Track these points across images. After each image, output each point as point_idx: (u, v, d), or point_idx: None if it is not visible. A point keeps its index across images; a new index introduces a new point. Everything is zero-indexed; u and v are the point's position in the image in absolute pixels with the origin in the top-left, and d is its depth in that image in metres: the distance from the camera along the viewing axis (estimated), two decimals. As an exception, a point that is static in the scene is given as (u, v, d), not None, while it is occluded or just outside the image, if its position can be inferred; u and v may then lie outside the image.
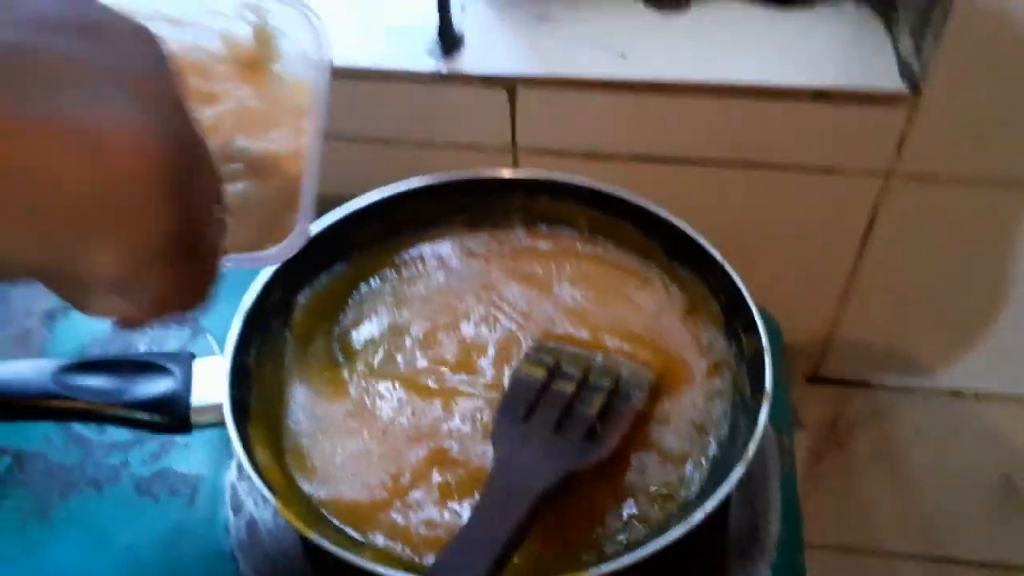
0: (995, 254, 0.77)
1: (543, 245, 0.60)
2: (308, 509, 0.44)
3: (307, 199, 0.33)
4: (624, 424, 0.48)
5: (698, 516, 0.40)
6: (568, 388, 0.49)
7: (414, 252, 0.59)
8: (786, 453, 0.56)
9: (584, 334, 0.54)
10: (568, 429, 0.47)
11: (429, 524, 0.44)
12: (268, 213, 0.36)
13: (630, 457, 0.48)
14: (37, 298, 0.65)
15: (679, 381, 0.52)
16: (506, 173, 0.61)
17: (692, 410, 0.51)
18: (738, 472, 0.42)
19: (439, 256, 0.59)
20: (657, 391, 0.51)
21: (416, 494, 0.46)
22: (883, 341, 0.87)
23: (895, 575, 0.80)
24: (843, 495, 0.83)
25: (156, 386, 0.43)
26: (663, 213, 0.57)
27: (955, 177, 0.71)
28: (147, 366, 0.44)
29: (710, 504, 0.41)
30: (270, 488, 0.41)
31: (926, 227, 0.75)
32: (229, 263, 0.30)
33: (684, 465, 0.48)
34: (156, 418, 0.44)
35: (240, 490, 0.52)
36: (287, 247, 0.33)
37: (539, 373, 0.50)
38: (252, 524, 0.51)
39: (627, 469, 0.48)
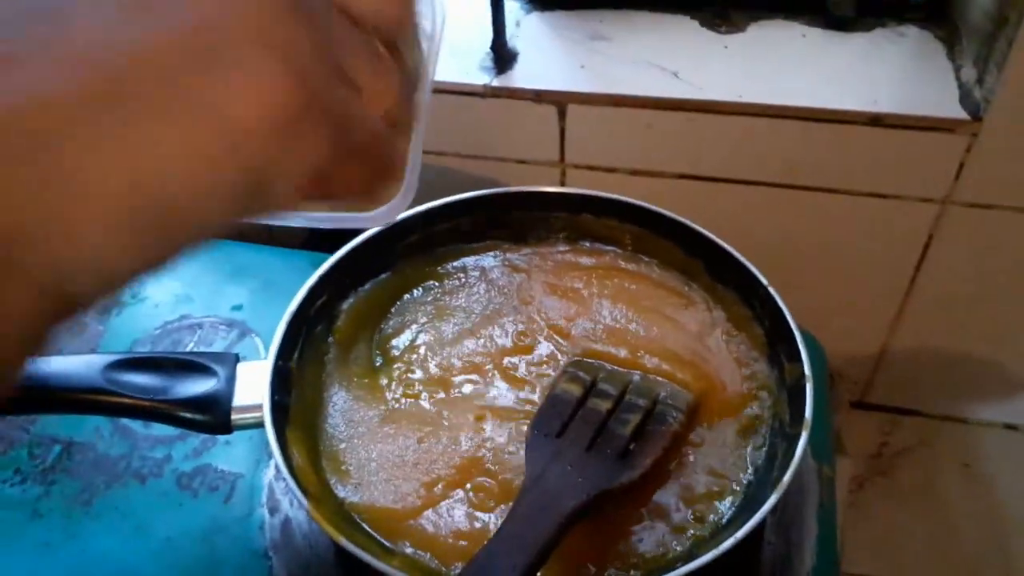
0: (1054, 287, 0.74)
1: (586, 261, 0.60)
2: (339, 513, 0.44)
3: (413, 161, 0.33)
4: (658, 446, 0.47)
5: (727, 543, 0.40)
6: (604, 406, 0.49)
7: (457, 264, 0.60)
8: (825, 483, 0.55)
9: (623, 352, 0.54)
10: (601, 448, 0.46)
11: (458, 535, 0.45)
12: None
13: (664, 479, 0.48)
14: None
15: (719, 404, 0.52)
16: (549, 189, 0.61)
17: (730, 435, 0.50)
18: (771, 501, 0.41)
19: (481, 268, 0.59)
20: (696, 413, 0.51)
21: (447, 505, 0.46)
22: (934, 369, 0.85)
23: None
24: (883, 525, 0.81)
25: (200, 386, 0.45)
26: (706, 232, 0.56)
27: (1013, 206, 0.69)
28: (193, 366, 0.46)
29: (740, 532, 0.40)
30: (303, 490, 0.42)
31: (982, 256, 0.74)
32: (333, 223, 0.30)
33: (717, 490, 0.48)
34: (199, 417, 0.45)
35: (277, 490, 0.53)
36: (394, 208, 0.33)
37: (576, 390, 0.50)
38: (287, 524, 0.51)
39: (660, 490, 0.47)
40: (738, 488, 0.48)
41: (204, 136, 0.19)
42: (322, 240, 0.74)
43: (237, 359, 0.47)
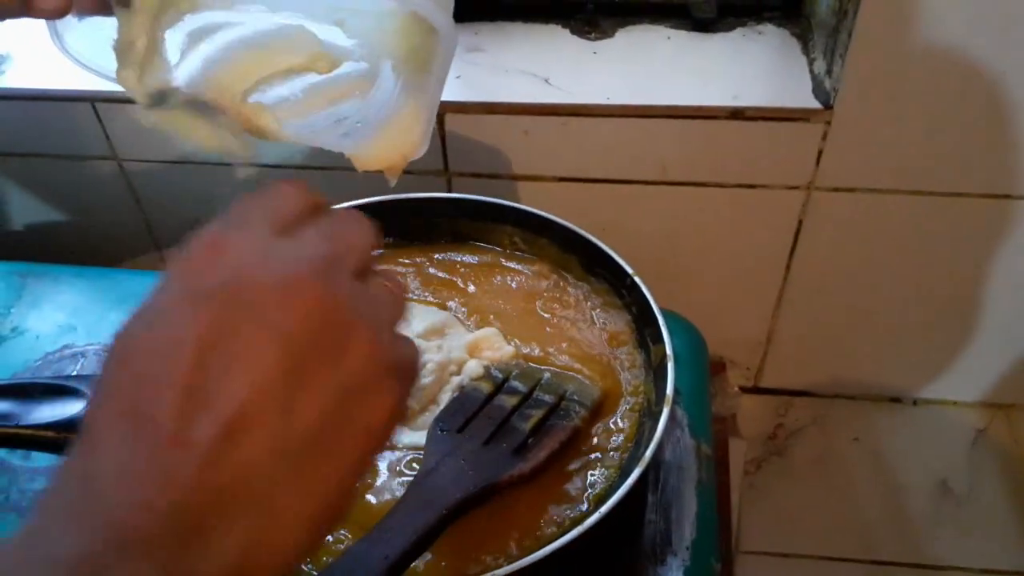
0: (920, 261, 0.79)
1: (469, 259, 0.62)
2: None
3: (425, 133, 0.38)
4: (555, 440, 0.48)
5: (591, 520, 0.41)
6: (510, 402, 0.50)
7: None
8: (704, 461, 0.58)
9: (510, 349, 0.55)
10: (498, 442, 0.47)
11: (338, 540, 0.45)
12: None
13: (563, 469, 0.49)
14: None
15: (614, 396, 0.53)
16: (432, 195, 0.63)
17: (611, 422, 0.52)
18: (634, 475, 0.43)
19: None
20: (601, 408, 0.52)
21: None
22: (819, 350, 0.89)
23: (834, 581, 0.81)
24: (782, 502, 0.85)
25: (66, 408, 0.44)
26: (577, 229, 0.58)
27: (871, 188, 0.74)
28: (59, 389, 0.45)
29: (605, 507, 0.42)
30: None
31: (849, 237, 0.78)
32: None
33: (598, 472, 0.49)
34: (65, 439, 0.44)
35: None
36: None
37: (485, 387, 0.51)
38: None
39: (558, 480, 0.49)
40: (613, 470, 0.49)
41: (359, 448, 0.26)
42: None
43: (108, 380, 0.47)
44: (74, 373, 0.62)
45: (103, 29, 0.39)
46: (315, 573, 0.42)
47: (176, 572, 0.22)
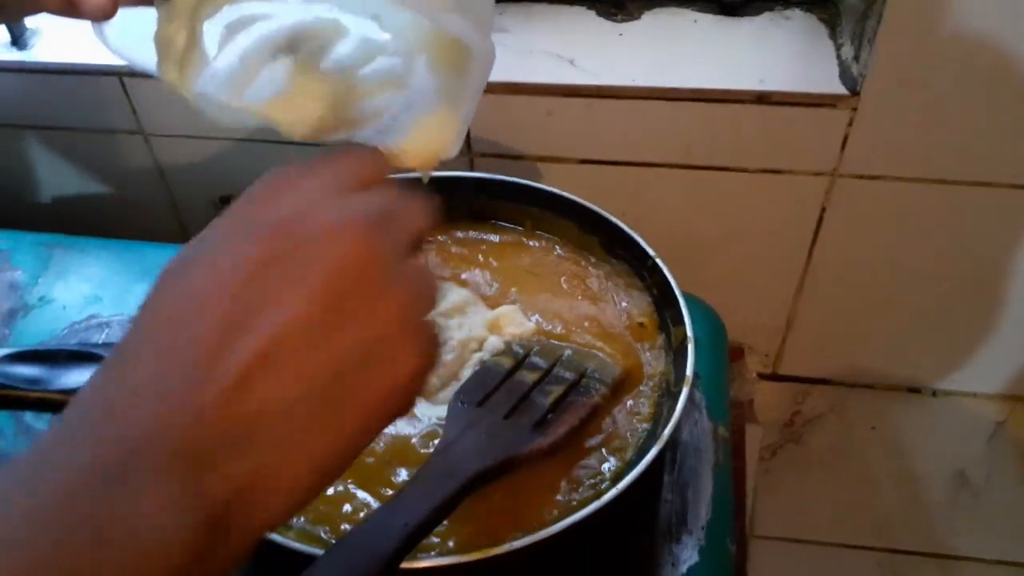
0: (944, 251, 0.78)
1: (490, 238, 0.62)
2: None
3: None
4: (575, 416, 0.49)
5: (608, 496, 0.42)
6: (531, 378, 0.50)
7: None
8: (721, 443, 0.58)
9: (531, 326, 0.55)
10: (519, 417, 0.48)
11: (356, 510, 0.46)
12: None
13: (582, 445, 0.49)
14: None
15: (635, 375, 0.54)
16: (453, 173, 0.63)
17: (631, 401, 0.52)
18: (652, 453, 0.43)
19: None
20: (622, 386, 0.52)
21: (345, 482, 0.47)
22: (839, 339, 0.89)
23: (848, 567, 0.81)
24: (798, 489, 0.85)
25: (90, 374, 0.45)
26: (599, 209, 0.58)
27: (897, 176, 0.73)
28: (85, 356, 0.46)
29: (622, 484, 0.42)
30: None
31: (873, 225, 0.77)
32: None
33: (616, 452, 0.50)
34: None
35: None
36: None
37: (506, 362, 0.51)
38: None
39: (577, 457, 0.49)
40: (632, 450, 0.50)
41: (379, 402, 0.26)
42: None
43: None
44: (100, 342, 0.63)
45: (143, 20, 0.39)
46: (335, 540, 0.43)
47: (187, 488, 0.22)
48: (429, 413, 0.51)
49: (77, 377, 0.44)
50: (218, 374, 0.23)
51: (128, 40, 0.41)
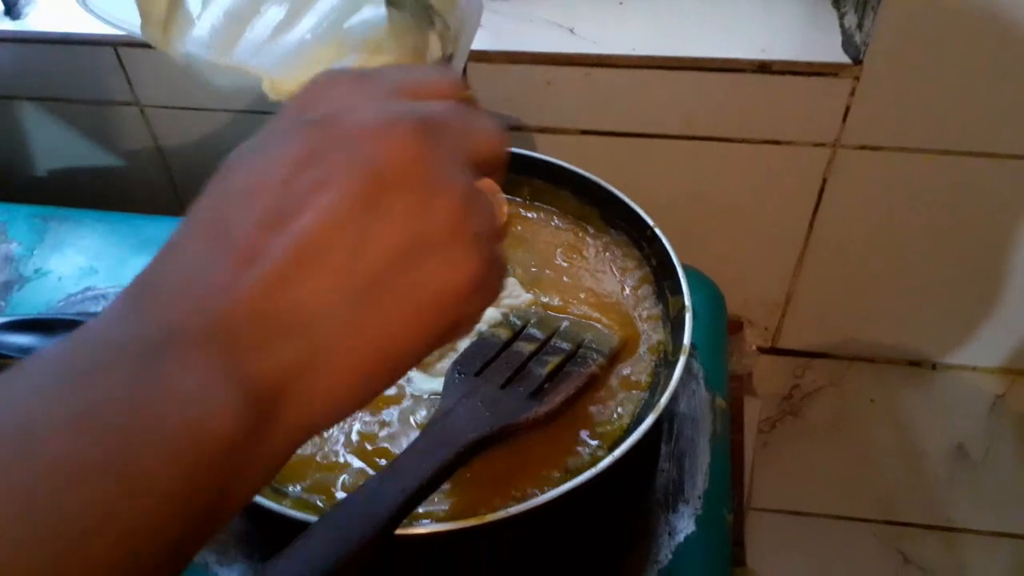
0: (946, 223, 0.78)
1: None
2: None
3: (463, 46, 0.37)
4: (572, 386, 0.48)
5: (604, 463, 0.41)
6: (528, 348, 0.50)
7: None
8: (719, 413, 0.58)
9: (556, 299, 0.55)
10: (516, 386, 0.48)
11: (354, 479, 0.46)
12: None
13: (579, 414, 0.49)
14: (-5, 269, 0.67)
15: (632, 345, 0.53)
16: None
17: (629, 370, 0.52)
18: (648, 421, 0.43)
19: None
20: (619, 356, 0.52)
21: (343, 451, 0.47)
22: (839, 312, 0.88)
23: (847, 539, 0.81)
24: (796, 462, 0.85)
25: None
26: (598, 179, 0.58)
27: (899, 147, 0.72)
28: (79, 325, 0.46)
29: (618, 451, 0.42)
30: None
31: (874, 197, 0.77)
32: None
33: (611, 420, 0.49)
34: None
35: (183, 449, 0.54)
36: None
37: (503, 333, 0.51)
38: (193, 481, 0.52)
39: (574, 425, 0.49)
40: (629, 416, 0.49)
41: (425, 309, 0.25)
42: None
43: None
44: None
45: None
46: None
47: (226, 367, 0.22)
48: (426, 385, 0.51)
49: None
50: (258, 267, 0.23)
51: (111, 2, 0.40)
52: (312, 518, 0.40)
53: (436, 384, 0.50)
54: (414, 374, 0.51)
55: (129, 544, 0.20)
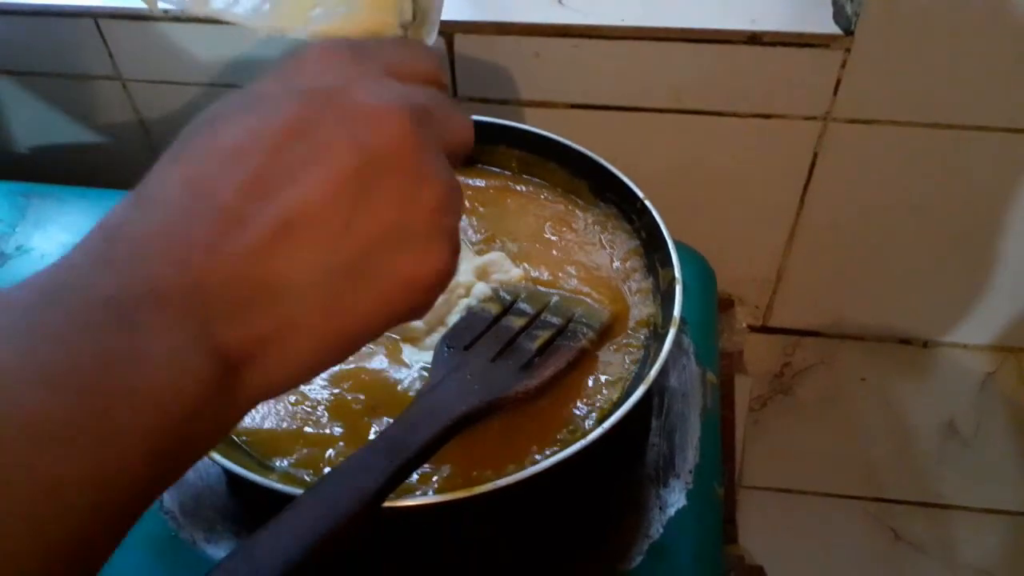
0: (937, 198, 0.77)
1: (477, 183, 0.61)
2: (225, 440, 0.44)
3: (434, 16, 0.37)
4: (562, 360, 0.48)
5: (594, 435, 0.41)
6: (518, 323, 0.49)
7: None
8: (709, 387, 0.57)
9: (545, 273, 0.54)
10: (505, 360, 0.47)
11: (340, 454, 0.45)
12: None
13: (571, 389, 0.49)
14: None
15: (622, 319, 0.53)
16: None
17: (620, 343, 0.51)
18: (638, 393, 0.43)
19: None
20: (610, 331, 0.51)
21: (331, 427, 0.46)
22: (829, 290, 0.88)
23: (838, 516, 0.81)
24: (787, 439, 0.85)
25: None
26: (587, 152, 0.57)
27: (890, 120, 0.72)
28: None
29: (608, 423, 0.41)
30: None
31: (866, 171, 0.76)
32: None
33: (601, 394, 0.49)
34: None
35: (166, 426, 0.53)
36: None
37: (493, 308, 0.51)
38: (177, 458, 0.51)
39: (563, 399, 0.48)
40: (619, 389, 0.49)
41: (394, 294, 0.26)
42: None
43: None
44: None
45: None
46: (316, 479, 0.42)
47: (201, 330, 0.22)
48: (415, 359, 0.50)
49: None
50: (241, 233, 0.23)
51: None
52: (299, 491, 0.39)
53: (426, 356, 0.49)
54: (403, 346, 0.51)
55: (98, 494, 0.20)
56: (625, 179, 0.56)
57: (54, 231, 0.69)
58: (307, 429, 0.46)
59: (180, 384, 0.22)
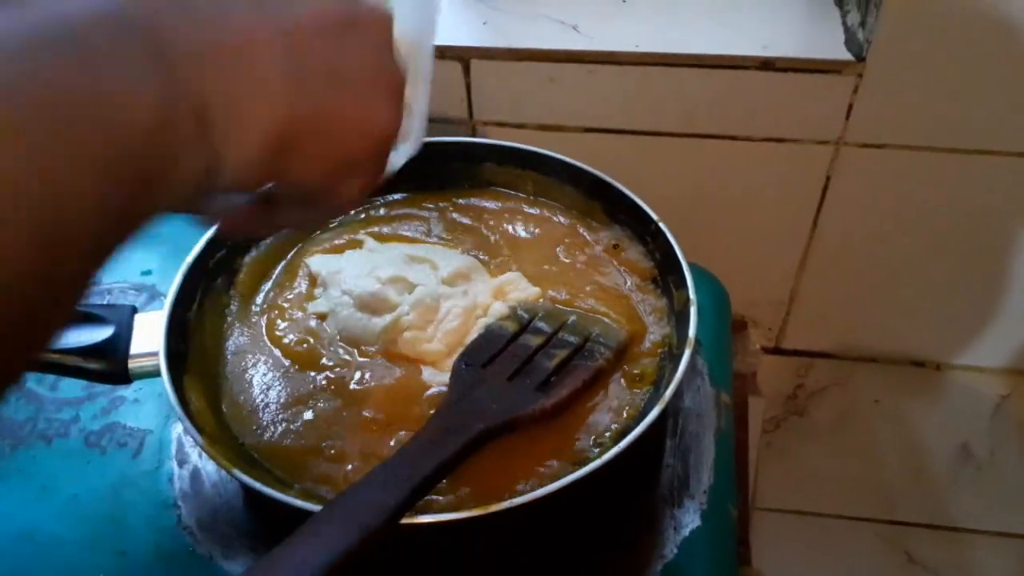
0: (949, 222, 0.78)
1: (491, 205, 0.62)
2: (239, 453, 0.45)
3: (420, 110, 0.39)
4: (578, 379, 0.48)
5: (609, 455, 0.41)
6: (535, 341, 0.50)
7: (360, 213, 0.61)
8: (723, 409, 0.57)
9: (563, 294, 0.55)
10: (523, 378, 0.48)
11: (357, 471, 0.46)
12: None
13: (585, 407, 0.49)
14: None
15: (638, 340, 0.53)
16: (453, 139, 0.62)
17: (635, 364, 0.52)
18: (653, 414, 0.43)
19: (389, 210, 0.60)
20: (626, 351, 0.52)
21: (346, 444, 0.47)
22: (842, 312, 0.88)
23: (852, 538, 0.81)
24: (800, 461, 0.85)
25: (94, 335, 0.45)
26: (601, 174, 0.58)
27: (902, 144, 0.72)
28: (88, 317, 0.46)
29: (623, 443, 0.42)
30: (198, 429, 0.42)
31: (878, 195, 0.76)
32: None
33: (617, 414, 0.49)
34: (95, 366, 0.45)
35: (186, 443, 0.54)
36: (403, 153, 0.39)
37: (511, 326, 0.51)
38: (196, 475, 0.52)
39: (580, 418, 0.48)
40: (634, 410, 0.49)
41: (346, 116, 0.31)
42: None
43: (134, 310, 0.48)
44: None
45: None
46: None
47: (154, 60, 0.24)
48: (435, 379, 0.51)
49: (76, 337, 0.44)
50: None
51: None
52: (317, 507, 0.40)
53: (445, 376, 0.50)
54: (424, 368, 0.51)
55: (58, 208, 0.21)
56: (639, 201, 0.56)
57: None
58: (324, 445, 0.47)
59: (132, 102, 0.23)
